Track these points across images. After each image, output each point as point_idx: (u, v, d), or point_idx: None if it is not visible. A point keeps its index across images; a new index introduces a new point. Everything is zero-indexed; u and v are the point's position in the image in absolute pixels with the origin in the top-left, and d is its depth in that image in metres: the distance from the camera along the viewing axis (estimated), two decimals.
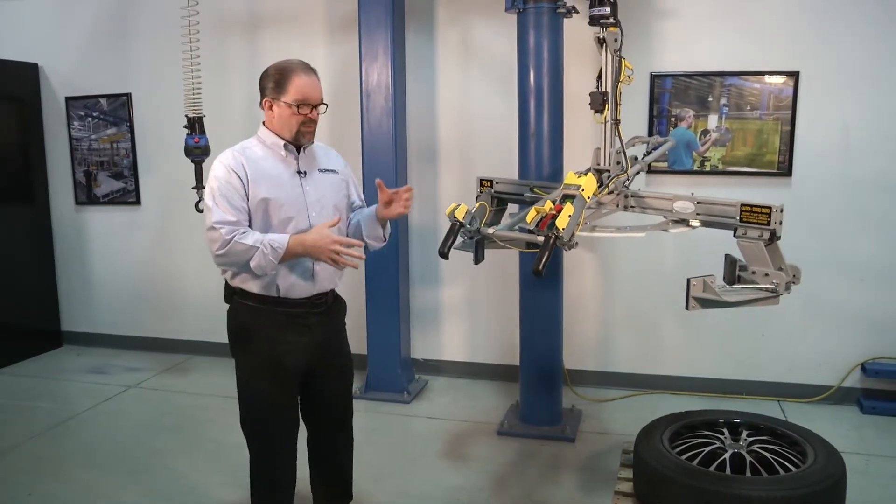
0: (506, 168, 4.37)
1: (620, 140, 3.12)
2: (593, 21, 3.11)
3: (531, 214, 2.70)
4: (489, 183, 3.53)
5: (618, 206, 3.18)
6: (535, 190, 3.39)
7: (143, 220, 5.66)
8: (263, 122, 2.68)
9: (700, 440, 2.99)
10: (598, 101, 3.12)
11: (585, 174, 2.87)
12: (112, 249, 5.77)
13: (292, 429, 2.74)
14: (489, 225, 3.33)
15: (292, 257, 2.51)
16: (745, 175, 4.40)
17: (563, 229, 2.60)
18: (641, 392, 4.76)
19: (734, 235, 2.78)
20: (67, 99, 5.64)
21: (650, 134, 4.45)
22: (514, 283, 4.29)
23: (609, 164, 3.11)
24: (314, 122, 2.63)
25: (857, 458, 3.76)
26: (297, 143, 2.63)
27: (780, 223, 2.70)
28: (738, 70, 4.34)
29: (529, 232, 2.79)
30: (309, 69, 2.62)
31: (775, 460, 2.79)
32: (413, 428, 4.27)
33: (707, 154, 4.44)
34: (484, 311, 5.03)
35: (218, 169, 2.53)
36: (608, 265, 4.75)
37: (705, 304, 2.67)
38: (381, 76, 4.48)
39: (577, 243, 2.69)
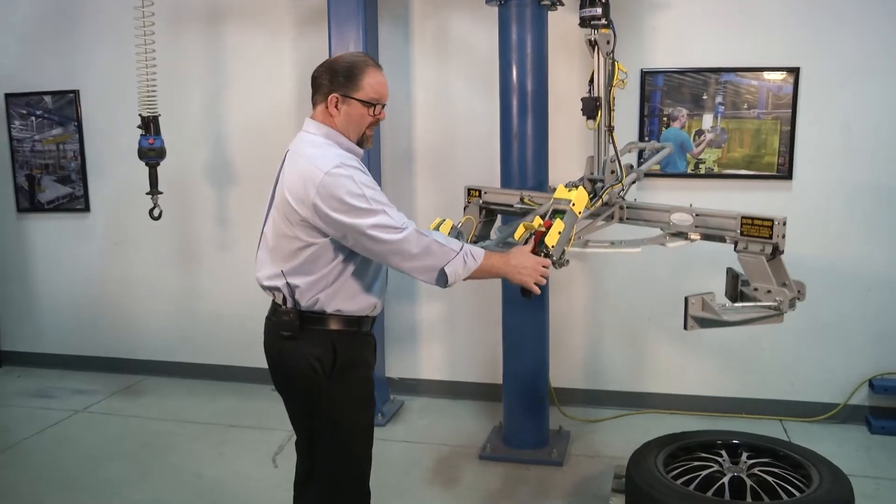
0: (488, 171, 4.39)
1: (615, 148, 3.14)
2: (584, 23, 3.14)
3: (519, 231, 2.71)
4: (477, 193, 3.53)
5: (612, 217, 3.20)
6: (526, 200, 3.40)
7: (92, 228, 5.60)
8: (313, 120, 2.55)
9: (697, 463, 3.02)
10: (591, 107, 3.15)
11: (576, 187, 2.88)
12: (58, 261, 5.71)
13: None
14: (478, 239, 3.35)
15: (480, 274, 2.51)
16: (742, 178, 4.45)
17: (553, 247, 2.61)
18: (634, 411, 4.78)
19: (735, 250, 2.81)
20: (7, 95, 5.58)
21: (641, 136, 4.50)
22: (497, 295, 4.30)
23: (603, 174, 3.13)
24: (378, 124, 2.61)
25: (866, 482, 3.79)
26: (361, 147, 2.57)
27: (783, 237, 2.73)
28: (735, 66, 4.39)
29: None
30: (379, 66, 2.55)
31: (777, 484, 2.82)
32: (388, 453, 4.25)
33: (702, 156, 4.48)
34: (464, 326, 5.03)
35: (354, 174, 2.36)
36: (598, 275, 4.77)
37: (704, 323, 2.70)
38: None
39: (567, 261, 2.71)
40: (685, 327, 2.71)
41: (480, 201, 3.52)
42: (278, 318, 2.52)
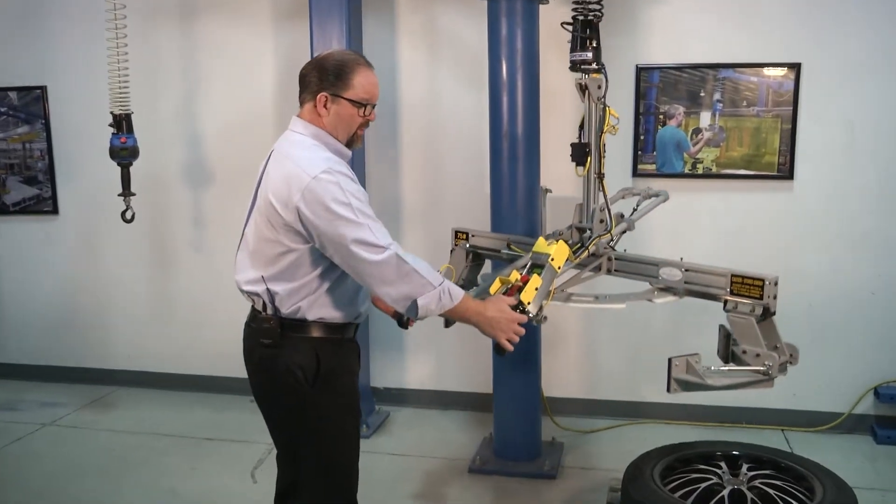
0: (476, 174, 4.40)
1: (605, 196, 3.16)
2: (574, 67, 3.18)
3: (495, 285, 2.73)
4: (464, 236, 3.57)
5: (600, 268, 3.22)
6: (512, 247, 3.44)
7: (60, 231, 5.57)
8: (301, 119, 2.53)
9: (695, 475, 3.02)
10: (581, 153, 3.17)
11: (557, 240, 2.92)
12: (24, 266, 5.67)
13: None
14: (464, 284, 3.41)
15: (451, 315, 2.54)
16: (741, 178, 4.47)
17: (529, 304, 2.62)
18: (630, 422, 4.79)
19: (724, 309, 2.82)
20: None
21: (636, 134, 4.52)
22: None
23: (591, 223, 3.16)
24: (368, 125, 2.60)
25: (872, 495, 3.81)
26: (350, 148, 2.57)
27: (775, 297, 2.74)
28: (734, 62, 4.41)
29: None
30: (370, 64, 2.56)
31: (780, 497, 2.83)
32: (374, 466, 4.22)
33: (699, 155, 4.50)
34: (453, 333, 4.97)
35: (342, 181, 2.35)
36: (592, 280, 4.76)
37: (688, 387, 2.72)
38: None
39: (545, 317, 2.72)
40: (668, 390, 2.75)
41: (468, 245, 3.55)
42: (258, 324, 2.51)
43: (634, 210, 3.49)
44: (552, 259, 2.79)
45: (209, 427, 4.84)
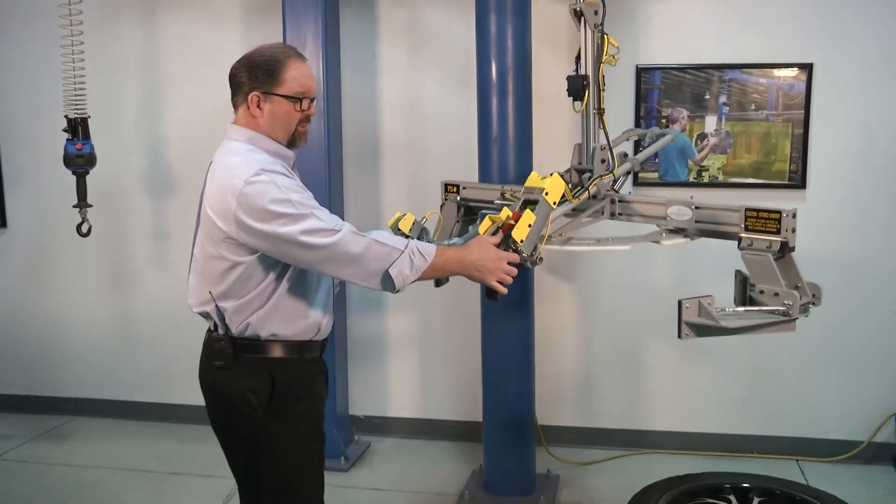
0: (465, 179, 4.39)
1: (605, 133, 3.11)
2: None
3: (485, 224, 2.66)
4: (455, 188, 3.55)
5: (602, 212, 3.19)
6: (507, 195, 3.38)
7: (8, 247, 5.54)
8: (236, 125, 2.58)
9: None
10: (577, 87, 3.13)
11: (552, 174, 2.85)
12: None
13: None
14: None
15: (433, 274, 2.49)
16: (750, 188, 4.48)
17: (522, 242, 2.58)
18: (631, 452, 4.78)
19: (738, 247, 2.81)
20: None
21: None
22: (475, 317, 4.29)
23: (592, 163, 3.12)
24: (310, 120, 2.61)
25: None
26: (293, 147, 2.60)
27: (793, 231, 2.74)
28: (741, 62, 4.44)
29: None
30: (302, 56, 2.60)
31: None
32: (352, 502, 4.22)
33: (704, 163, 4.52)
34: (439, 355, 5.02)
35: (276, 179, 2.37)
36: (589, 294, 4.79)
37: (701, 331, 2.67)
38: (311, 68, 4.46)
39: (541, 258, 2.67)
40: (679, 335, 2.68)
41: (458, 198, 3.52)
42: (210, 345, 2.54)
43: (639, 149, 3.42)
44: (546, 193, 2.70)
45: (174, 460, 4.81)
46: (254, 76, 2.50)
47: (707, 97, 4.48)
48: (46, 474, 4.69)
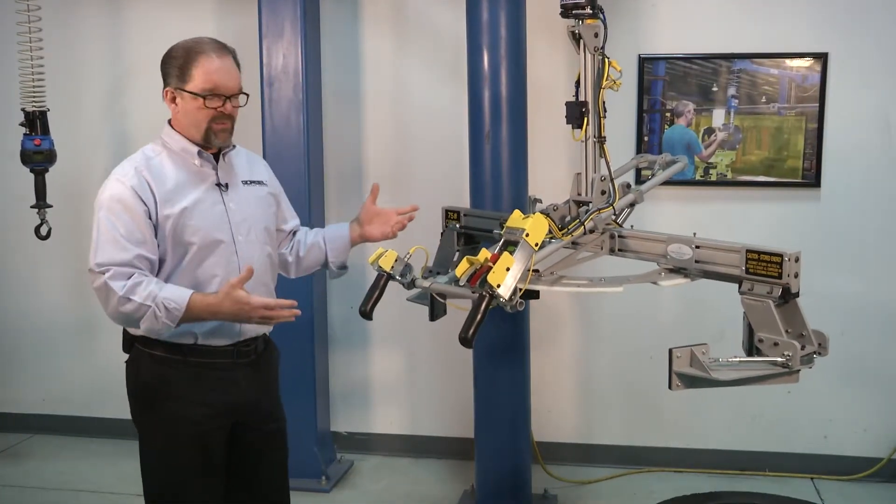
0: (455, 180, 4.40)
1: (607, 162, 3.12)
2: (566, 12, 3.14)
3: (462, 266, 2.68)
4: (455, 216, 3.55)
5: (601, 248, 3.18)
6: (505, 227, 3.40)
7: None
8: (169, 121, 2.77)
9: None
10: (576, 114, 3.13)
11: (535, 214, 2.84)
12: None
13: None
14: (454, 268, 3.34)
15: (198, 321, 2.58)
16: (761, 186, 4.51)
17: (499, 287, 2.57)
18: (634, 470, 4.80)
19: (739, 291, 2.81)
20: None
21: (639, 134, 4.54)
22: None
23: (591, 195, 3.12)
24: (230, 117, 2.69)
25: None
26: (210, 145, 2.69)
27: (797, 275, 2.73)
28: (751, 52, 4.46)
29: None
30: (222, 49, 2.68)
31: None
32: None
33: (712, 160, 4.54)
34: (428, 368, 5.03)
35: (113, 188, 2.59)
36: (589, 304, 4.81)
37: (693, 382, 2.71)
38: (289, 59, 4.49)
39: (522, 303, 2.65)
40: (669, 387, 2.73)
41: (458, 226, 3.52)
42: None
43: (643, 180, 3.39)
44: (527, 234, 2.69)
45: (140, 481, 4.78)
46: (168, 71, 2.68)
47: (715, 89, 4.50)
48: (2, 496, 4.67)
